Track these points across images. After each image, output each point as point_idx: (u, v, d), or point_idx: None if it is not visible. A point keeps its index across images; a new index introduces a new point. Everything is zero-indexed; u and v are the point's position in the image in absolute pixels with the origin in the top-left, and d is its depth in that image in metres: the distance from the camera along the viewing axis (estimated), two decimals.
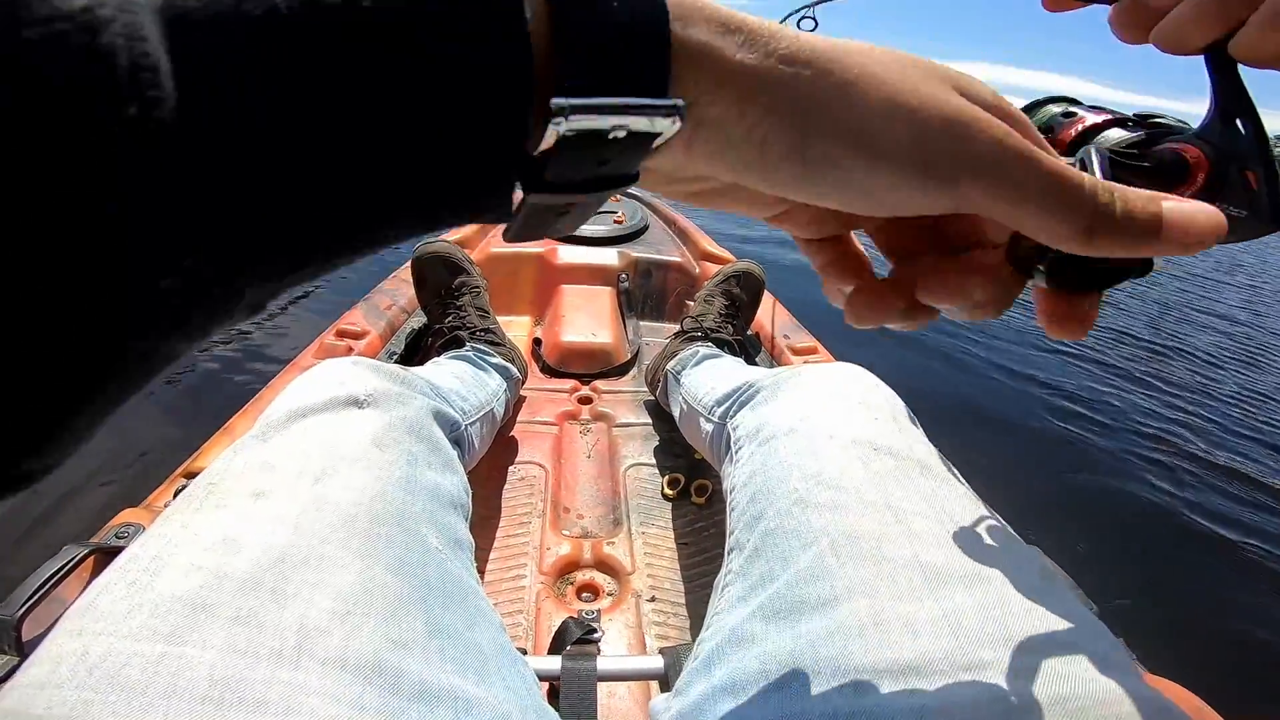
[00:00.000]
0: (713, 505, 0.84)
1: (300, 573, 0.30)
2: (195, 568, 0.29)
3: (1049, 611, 0.30)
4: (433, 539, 0.37)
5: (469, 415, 0.64)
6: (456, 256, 0.96)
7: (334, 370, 0.47)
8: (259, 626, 0.27)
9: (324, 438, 0.39)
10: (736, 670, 0.32)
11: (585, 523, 0.80)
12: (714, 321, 0.97)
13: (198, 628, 0.26)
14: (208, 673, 0.25)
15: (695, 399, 0.73)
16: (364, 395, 0.44)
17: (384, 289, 1.19)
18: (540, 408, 1.03)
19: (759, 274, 1.04)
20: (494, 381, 0.80)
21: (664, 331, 1.33)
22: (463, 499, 0.47)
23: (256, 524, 0.32)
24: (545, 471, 0.89)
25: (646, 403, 1.06)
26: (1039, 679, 0.26)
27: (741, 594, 0.37)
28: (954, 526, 0.35)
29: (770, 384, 0.56)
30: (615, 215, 1.66)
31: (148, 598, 0.27)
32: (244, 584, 0.28)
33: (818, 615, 0.32)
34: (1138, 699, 0.26)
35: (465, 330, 0.89)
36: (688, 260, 1.49)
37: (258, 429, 0.41)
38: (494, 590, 0.70)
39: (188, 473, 0.67)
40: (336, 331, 1.01)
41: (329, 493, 0.35)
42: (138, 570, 0.29)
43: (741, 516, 0.43)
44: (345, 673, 0.27)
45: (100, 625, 0.26)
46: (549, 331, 1.24)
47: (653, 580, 0.73)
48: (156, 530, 0.32)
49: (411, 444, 0.44)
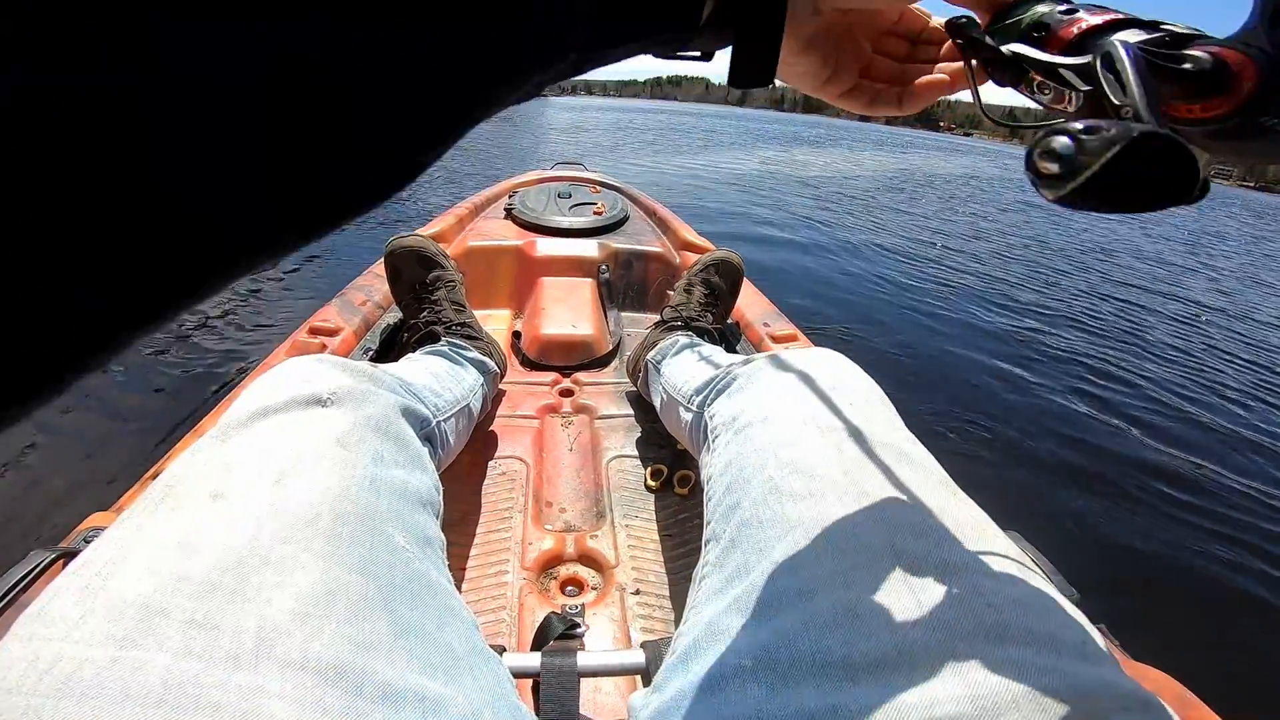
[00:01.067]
0: (696, 496, 0.84)
1: (260, 574, 0.29)
2: (150, 571, 0.28)
3: (1026, 601, 0.30)
4: (399, 538, 0.36)
5: (442, 411, 0.63)
6: (430, 250, 0.94)
7: (297, 368, 0.46)
8: (216, 629, 0.26)
9: (286, 437, 0.38)
10: (712, 665, 0.32)
11: (568, 516, 0.80)
12: (694, 310, 0.96)
13: (152, 631, 0.26)
14: (162, 676, 0.24)
15: (675, 388, 0.73)
16: (328, 393, 0.43)
17: (358, 285, 1.17)
18: (521, 401, 1.02)
19: (737, 262, 1.03)
20: (470, 376, 0.78)
21: (645, 322, 1.32)
22: (433, 497, 0.46)
23: (214, 525, 0.31)
24: (527, 466, 0.88)
25: (628, 394, 1.06)
26: (1017, 670, 0.26)
27: (718, 586, 0.37)
28: (930, 514, 0.35)
29: (746, 371, 0.55)
30: (595, 206, 1.65)
31: (100, 602, 0.26)
32: (201, 586, 0.28)
33: (794, 608, 0.31)
34: (1117, 690, 0.26)
35: (440, 325, 0.88)
36: (668, 250, 1.48)
37: (218, 429, 0.39)
38: (476, 587, 0.69)
39: (158, 475, 0.66)
40: (310, 329, 0.98)
41: (290, 493, 0.34)
42: (90, 574, 0.28)
43: (718, 507, 0.43)
44: (306, 674, 0.26)
45: (51, 630, 0.25)
46: (529, 324, 1.22)
47: (637, 573, 0.73)
48: (111, 534, 0.31)
49: (377, 442, 0.43)
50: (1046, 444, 2.16)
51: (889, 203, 7.86)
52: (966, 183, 12.19)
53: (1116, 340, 3.50)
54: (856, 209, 6.92)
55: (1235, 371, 3.29)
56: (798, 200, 7.03)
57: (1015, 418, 2.32)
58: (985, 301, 3.81)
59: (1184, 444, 2.33)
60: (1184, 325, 4.10)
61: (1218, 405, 2.77)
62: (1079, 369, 2.92)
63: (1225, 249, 8.57)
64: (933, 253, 4.96)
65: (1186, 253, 7.46)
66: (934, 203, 8.40)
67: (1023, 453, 2.08)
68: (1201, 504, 1.95)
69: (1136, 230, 8.39)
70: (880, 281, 3.91)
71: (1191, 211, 12.14)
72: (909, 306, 3.48)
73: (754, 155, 12.82)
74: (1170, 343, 3.63)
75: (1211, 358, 3.48)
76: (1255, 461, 2.29)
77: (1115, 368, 3.02)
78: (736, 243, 2.32)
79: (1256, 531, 1.85)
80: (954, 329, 3.18)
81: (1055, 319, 3.70)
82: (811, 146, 18.49)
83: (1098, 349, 3.26)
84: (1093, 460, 2.11)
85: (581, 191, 1.81)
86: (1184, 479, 2.08)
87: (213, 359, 2.08)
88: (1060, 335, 3.38)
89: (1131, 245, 7.17)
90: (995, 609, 0.29)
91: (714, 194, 6.80)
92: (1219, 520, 1.88)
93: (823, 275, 3.85)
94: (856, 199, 7.81)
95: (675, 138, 15.28)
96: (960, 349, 2.90)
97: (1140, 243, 7.49)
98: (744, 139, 18.08)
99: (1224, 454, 2.31)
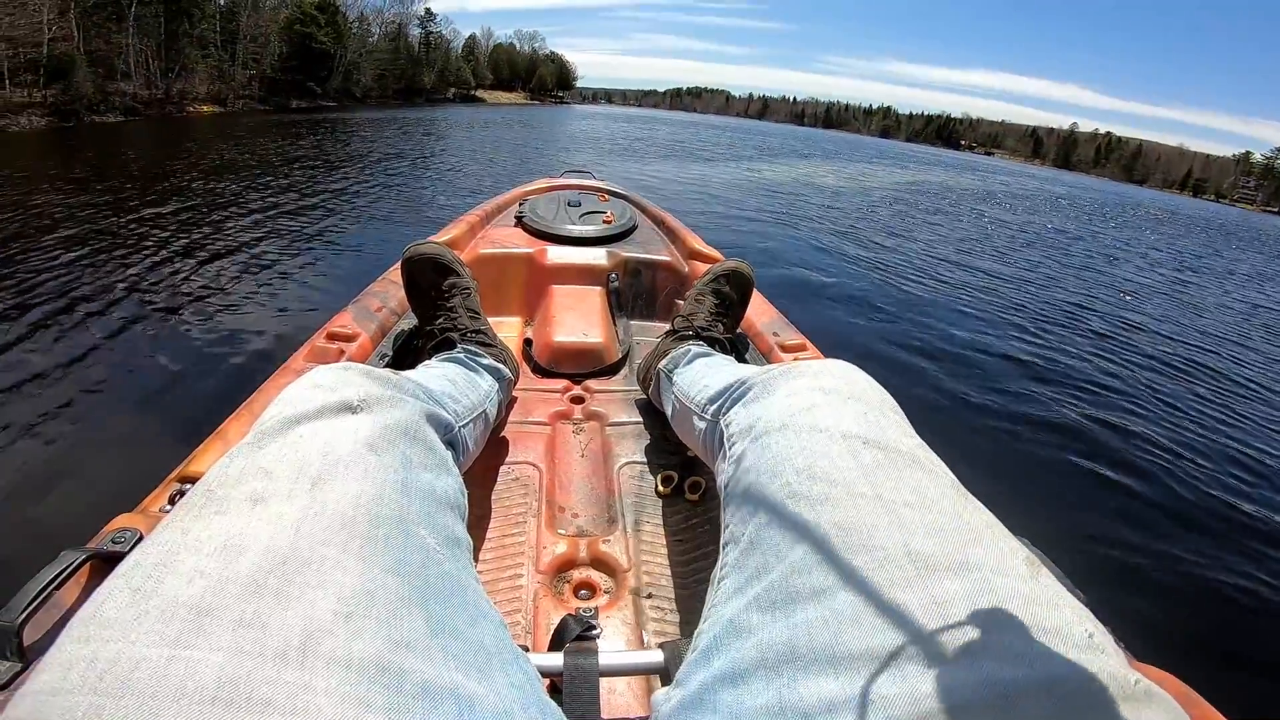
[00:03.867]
0: (706, 502, 0.85)
1: (302, 575, 0.30)
2: (198, 573, 0.29)
3: (1036, 596, 0.31)
4: (430, 540, 0.38)
5: (462, 417, 0.64)
6: (446, 258, 0.96)
7: (325, 376, 0.47)
8: (264, 628, 0.27)
9: (319, 443, 0.40)
10: (734, 659, 0.33)
11: (580, 521, 0.81)
12: (705, 320, 0.97)
13: (203, 631, 0.27)
14: (215, 674, 0.25)
15: (688, 397, 0.74)
16: (356, 400, 0.45)
17: (374, 291, 1.18)
18: (533, 408, 1.03)
19: (748, 272, 1.04)
20: (486, 383, 0.80)
21: (654, 330, 1.34)
22: (459, 500, 0.47)
23: (256, 529, 0.32)
24: (539, 471, 0.89)
25: (638, 401, 1.07)
26: (1028, 661, 0.27)
27: (738, 586, 0.38)
28: (942, 516, 0.36)
29: (762, 381, 0.56)
30: (604, 215, 1.66)
31: (153, 604, 0.27)
32: (247, 587, 0.29)
33: (812, 604, 0.32)
34: (1124, 680, 0.27)
35: (456, 332, 0.89)
36: (676, 259, 1.49)
37: (252, 436, 0.41)
38: (492, 589, 0.70)
39: (182, 477, 0.67)
40: (327, 334, 1.00)
41: (326, 497, 0.35)
42: (141, 577, 0.29)
43: (737, 511, 0.44)
44: (350, 672, 0.27)
45: (107, 632, 0.26)
46: (540, 332, 1.24)
47: (649, 577, 0.74)
48: (157, 537, 0.32)
49: (406, 447, 0.44)
50: (1056, 452, 2.16)
51: (905, 215, 7.86)
52: (984, 198, 12.08)
53: (1129, 351, 3.50)
54: (869, 221, 6.92)
55: (1243, 381, 3.28)
56: (812, 210, 7.05)
57: (1023, 426, 2.32)
58: (996, 314, 3.81)
59: (1189, 450, 2.33)
60: (1198, 335, 4.09)
61: (1224, 411, 2.77)
62: (1087, 381, 2.92)
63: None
64: (943, 267, 4.96)
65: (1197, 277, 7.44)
66: (951, 216, 8.37)
67: (1033, 461, 2.09)
68: (1207, 508, 1.94)
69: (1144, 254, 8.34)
70: (888, 292, 3.91)
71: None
72: (916, 317, 3.48)
73: (773, 167, 12.85)
74: (1184, 355, 3.62)
75: (1227, 368, 3.48)
76: (1262, 463, 2.28)
77: (1123, 378, 3.02)
78: (748, 251, 2.33)
79: (1260, 536, 1.85)
80: (963, 339, 3.19)
81: (1069, 333, 3.70)
82: (826, 160, 18.52)
83: (1111, 362, 3.26)
84: (1102, 469, 2.11)
85: (590, 200, 1.83)
86: (1190, 484, 2.08)
87: (229, 362, 2.10)
88: (1071, 349, 3.38)
89: (1143, 259, 7.14)
90: (1006, 604, 0.30)
91: (728, 201, 6.83)
92: (1226, 518, 1.88)
93: (834, 286, 3.86)
94: (870, 211, 7.82)
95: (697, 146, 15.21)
96: (971, 358, 2.90)
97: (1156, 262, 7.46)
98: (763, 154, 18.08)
99: (1230, 456, 2.30)
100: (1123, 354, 3.42)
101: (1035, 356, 3.11)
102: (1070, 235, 8.85)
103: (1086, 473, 2.08)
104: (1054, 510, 1.86)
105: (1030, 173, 38.78)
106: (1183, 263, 8.41)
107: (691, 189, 7.76)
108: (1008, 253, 6.20)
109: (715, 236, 1.63)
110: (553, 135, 14.81)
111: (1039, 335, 3.51)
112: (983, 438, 2.19)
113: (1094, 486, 2.01)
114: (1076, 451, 2.21)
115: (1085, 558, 1.63)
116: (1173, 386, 3.05)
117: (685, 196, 6.76)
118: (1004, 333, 3.44)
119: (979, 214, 9.51)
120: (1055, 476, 2.03)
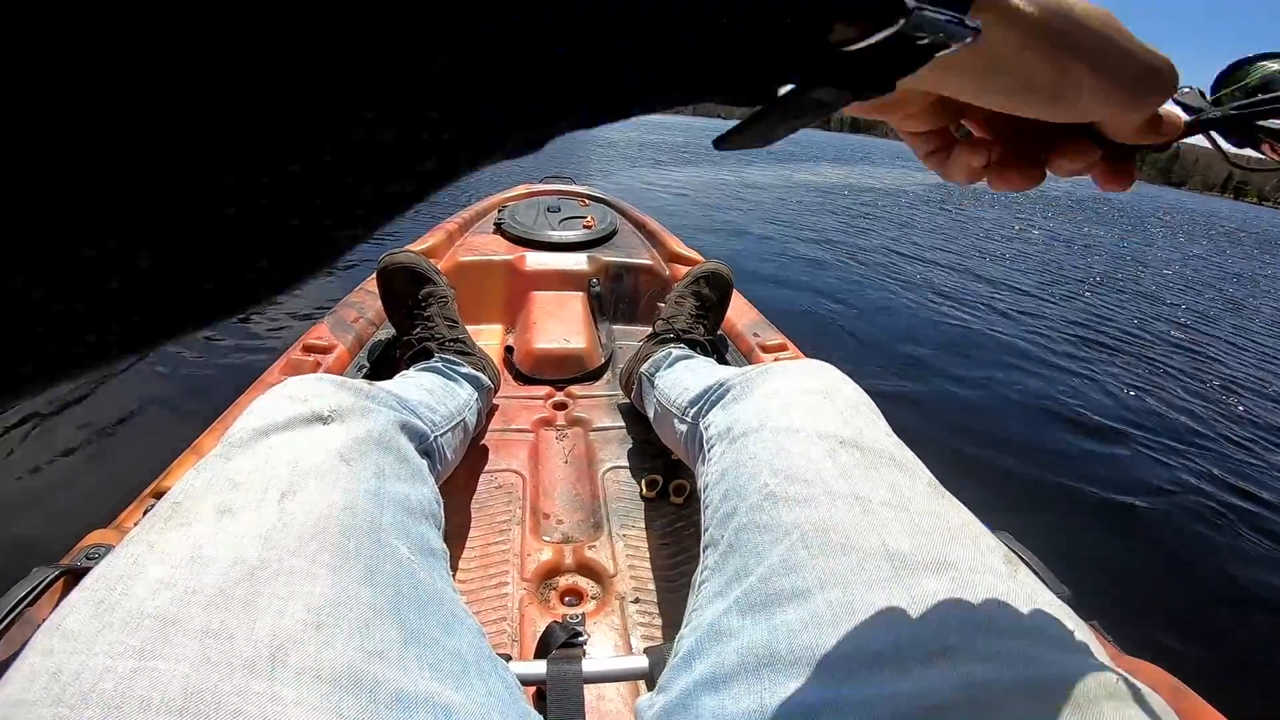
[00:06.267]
0: (691, 505, 0.85)
1: (271, 585, 0.30)
2: (164, 584, 0.28)
3: (1015, 596, 0.31)
4: (404, 549, 0.37)
5: (439, 426, 0.63)
6: (422, 267, 0.95)
7: (296, 387, 0.47)
8: (231, 638, 0.27)
9: (289, 454, 0.39)
10: (716, 664, 0.33)
11: (565, 528, 0.80)
12: (685, 323, 0.98)
13: (169, 642, 0.26)
14: (182, 685, 0.25)
15: (669, 400, 0.74)
16: (328, 411, 0.44)
17: (350, 302, 1.17)
18: (515, 415, 1.02)
19: (727, 274, 1.05)
20: (464, 391, 0.79)
21: (637, 335, 1.33)
22: (434, 509, 0.46)
23: (224, 540, 0.31)
24: (523, 479, 0.88)
25: (621, 406, 1.07)
26: (1006, 661, 0.27)
27: (718, 589, 0.38)
28: (919, 515, 0.36)
29: (740, 382, 0.56)
30: (585, 220, 1.66)
31: (117, 616, 0.27)
32: (214, 598, 0.28)
33: (792, 607, 0.32)
34: (1104, 678, 0.27)
35: (434, 341, 0.89)
36: (658, 262, 1.49)
37: (221, 448, 0.40)
38: (477, 598, 0.69)
39: (156, 492, 0.66)
40: (303, 347, 0.99)
41: (296, 507, 0.35)
42: (105, 589, 0.28)
43: (715, 514, 0.44)
44: (321, 682, 0.27)
45: (70, 644, 0.26)
46: (521, 339, 1.23)
47: (635, 582, 0.73)
48: (122, 550, 0.31)
49: (378, 457, 0.43)
50: (1037, 446, 2.19)
51: (896, 218, 7.92)
52: (982, 201, 12.14)
53: (1115, 340, 3.56)
54: (859, 223, 6.97)
55: (1238, 368, 3.36)
56: (801, 213, 7.08)
57: (1003, 421, 2.35)
58: (972, 311, 3.86)
59: (1175, 438, 2.37)
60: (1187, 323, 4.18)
61: (1211, 404, 2.83)
62: (1066, 373, 2.97)
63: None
64: (925, 269, 5.01)
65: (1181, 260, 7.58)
66: (942, 220, 8.42)
67: (1014, 455, 2.11)
68: (1193, 498, 1.98)
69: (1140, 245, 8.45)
70: (865, 294, 3.95)
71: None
72: (894, 317, 3.52)
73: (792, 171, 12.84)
74: (1177, 340, 3.70)
75: (1219, 355, 3.55)
76: (1249, 455, 2.34)
77: (1106, 368, 3.08)
78: (734, 252, 2.33)
79: (1249, 522, 1.89)
80: (940, 340, 3.23)
81: (1046, 325, 3.76)
82: (836, 163, 18.69)
83: (1092, 353, 3.32)
84: (1084, 461, 2.15)
85: (570, 205, 1.83)
86: (1175, 471, 2.12)
87: (206, 376, 2.06)
88: (1047, 338, 3.43)
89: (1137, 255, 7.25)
90: (984, 603, 0.30)
91: (731, 206, 6.84)
92: (1212, 513, 1.92)
93: (814, 286, 3.89)
94: (863, 213, 7.87)
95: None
96: (947, 359, 2.94)
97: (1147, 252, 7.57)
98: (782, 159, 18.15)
99: (1216, 447, 2.35)
100: (1140, 363, 3.49)
101: (1026, 354, 3.16)
102: (1105, 245, 8.76)
103: (1072, 461, 2.11)
104: (1040, 505, 1.88)
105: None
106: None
107: (730, 198, 7.58)
108: (1025, 264, 6.26)
109: (722, 244, 1.64)
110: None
111: (1037, 334, 3.57)
112: (963, 437, 2.21)
113: (1080, 479, 2.03)
114: (1062, 444, 2.24)
115: (1072, 550, 1.66)
116: (1166, 380, 3.11)
117: (710, 205, 6.61)
118: (989, 324, 3.49)
119: (1007, 222, 9.36)
120: (1038, 468, 2.06)
